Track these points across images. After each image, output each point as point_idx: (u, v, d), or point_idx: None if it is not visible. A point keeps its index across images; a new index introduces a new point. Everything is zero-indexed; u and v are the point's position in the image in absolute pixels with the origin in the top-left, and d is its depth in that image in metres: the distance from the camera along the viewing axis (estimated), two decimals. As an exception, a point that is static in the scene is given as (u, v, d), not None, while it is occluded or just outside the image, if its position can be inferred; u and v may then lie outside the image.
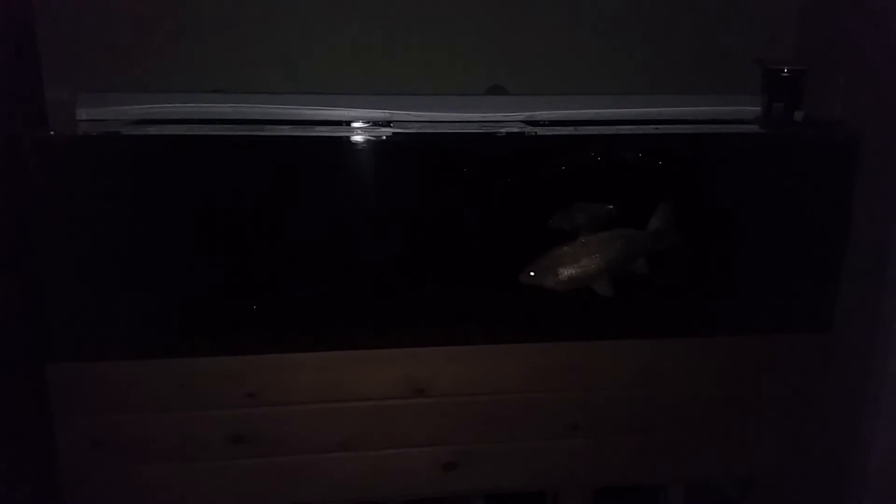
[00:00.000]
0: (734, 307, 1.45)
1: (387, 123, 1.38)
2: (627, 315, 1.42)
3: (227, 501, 1.41)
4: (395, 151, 1.32)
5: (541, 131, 1.38)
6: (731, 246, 1.43)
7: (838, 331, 1.47)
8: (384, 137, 1.31)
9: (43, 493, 1.35)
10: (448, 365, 1.39)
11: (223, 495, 1.39)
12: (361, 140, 1.30)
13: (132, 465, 1.35)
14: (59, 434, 1.31)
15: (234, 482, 1.38)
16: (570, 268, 1.29)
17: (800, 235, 1.43)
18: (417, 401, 1.39)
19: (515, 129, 1.38)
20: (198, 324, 1.33)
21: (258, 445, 1.36)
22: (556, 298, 1.37)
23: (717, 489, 1.68)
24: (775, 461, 1.53)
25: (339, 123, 1.39)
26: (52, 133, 1.27)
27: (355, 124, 1.39)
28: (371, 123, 1.39)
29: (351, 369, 1.36)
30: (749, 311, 1.46)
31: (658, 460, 1.50)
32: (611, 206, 1.32)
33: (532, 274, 1.30)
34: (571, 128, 1.41)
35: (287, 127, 1.36)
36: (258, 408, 1.35)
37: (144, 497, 1.36)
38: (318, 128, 1.36)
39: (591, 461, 1.47)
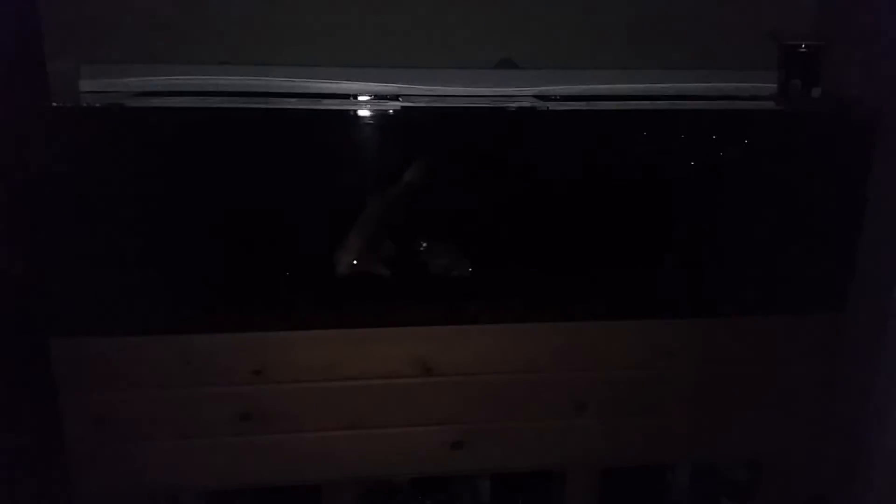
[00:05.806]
0: (746, 287, 1.43)
1: (395, 97, 1.36)
2: (637, 295, 1.41)
3: (232, 479, 1.40)
4: (403, 125, 1.30)
5: (552, 106, 1.36)
6: (744, 224, 1.41)
7: (852, 312, 1.45)
8: (392, 111, 1.29)
9: (49, 471, 1.34)
10: (456, 344, 1.37)
11: (229, 473, 1.39)
12: (369, 114, 1.28)
13: (137, 441, 1.34)
14: (63, 410, 1.30)
15: (240, 460, 1.38)
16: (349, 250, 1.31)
17: (815, 214, 1.41)
18: (425, 380, 1.38)
19: (527, 104, 1.35)
20: (204, 300, 1.31)
21: (264, 423, 1.35)
22: (566, 279, 1.37)
23: (725, 471, 1.67)
24: (785, 443, 1.52)
25: (346, 97, 1.37)
26: (54, 105, 1.25)
27: (363, 98, 1.36)
28: (378, 97, 1.36)
29: (358, 347, 1.35)
30: (761, 291, 1.44)
31: (666, 441, 1.49)
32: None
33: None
34: (584, 103, 1.38)
35: (293, 100, 1.34)
36: (265, 385, 1.34)
37: (150, 474, 1.36)
38: (325, 101, 1.34)
39: (599, 441, 1.46)
